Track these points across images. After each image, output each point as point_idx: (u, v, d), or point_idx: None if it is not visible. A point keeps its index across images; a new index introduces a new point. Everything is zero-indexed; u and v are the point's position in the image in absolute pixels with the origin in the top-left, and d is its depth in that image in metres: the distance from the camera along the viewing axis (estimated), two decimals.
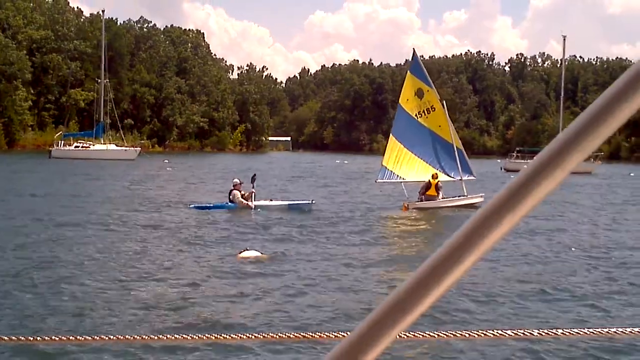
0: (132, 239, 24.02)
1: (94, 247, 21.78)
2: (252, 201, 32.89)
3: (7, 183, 45.38)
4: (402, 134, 37.18)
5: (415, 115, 37.34)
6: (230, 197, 33.28)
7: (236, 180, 34.24)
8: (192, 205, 33.51)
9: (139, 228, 26.86)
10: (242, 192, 33.30)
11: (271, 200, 34.64)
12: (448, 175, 36.91)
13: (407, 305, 0.86)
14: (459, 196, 36.04)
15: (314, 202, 34.50)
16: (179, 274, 18.10)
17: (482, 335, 2.97)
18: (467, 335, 3.35)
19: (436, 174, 35.78)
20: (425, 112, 37.39)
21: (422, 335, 3.33)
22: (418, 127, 37.10)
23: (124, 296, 15.41)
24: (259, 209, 32.42)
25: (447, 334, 3.66)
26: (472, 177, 36.77)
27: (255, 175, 34.36)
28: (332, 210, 34.00)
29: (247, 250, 20.52)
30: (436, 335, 3.75)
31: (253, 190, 33.28)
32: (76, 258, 19.72)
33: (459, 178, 36.29)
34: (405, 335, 3.29)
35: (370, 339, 0.79)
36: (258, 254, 20.14)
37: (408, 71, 39.75)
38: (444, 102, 38.42)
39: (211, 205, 33.50)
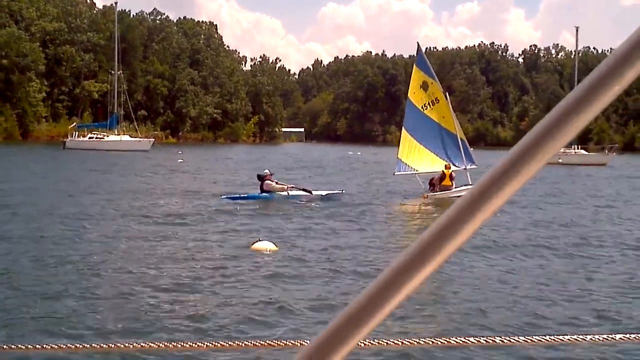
0: (148, 229, 24.10)
1: (107, 237, 21.86)
2: (287, 187, 33.81)
3: (24, 174, 45.44)
4: (411, 127, 38.42)
5: (422, 107, 38.55)
6: (264, 186, 33.49)
7: (267, 170, 34.65)
8: (225, 197, 33.52)
9: (156, 218, 26.90)
10: (275, 181, 33.87)
11: (304, 189, 34.93)
12: (454, 164, 37.88)
13: (372, 309, 0.86)
14: (466, 185, 36.07)
15: (344, 191, 35.82)
16: (188, 266, 18.09)
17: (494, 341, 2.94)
18: (479, 341, 3.36)
19: (449, 164, 36.85)
20: (430, 104, 38.59)
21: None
22: (425, 119, 38.31)
23: (130, 293, 15.46)
24: (296, 199, 32.96)
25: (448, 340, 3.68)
26: (474, 166, 37.77)
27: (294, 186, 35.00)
28: (349, 202, 33.97)
29: (259, 241, 20.47)
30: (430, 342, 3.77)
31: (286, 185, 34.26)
32: (93, 251, 19.78)
33: (464, 167, 37.37)
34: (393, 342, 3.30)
35: (334, 343, 0.80)
36: (271, 245, 20.09)
37: (414, 65, 40.51)
38: (447, 94, 39.60)
39: (244, 195, 33.64)
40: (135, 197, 34.67)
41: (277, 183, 33.72)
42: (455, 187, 36.04)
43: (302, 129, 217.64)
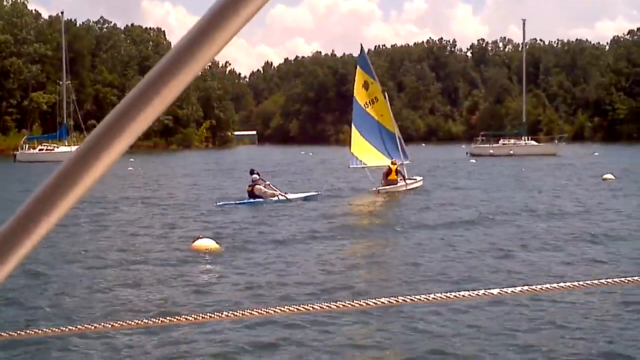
0: (98, 231, 24.12)
1: (65, 244, 21.83)
2: (278, 191, 34.10)
3: None
4: (358, 124, 40.81)
5: (364, 105, 41.04)
6: (255, 192, 33.48)
7: (255, 175, 34.44)
8: (220, 203, 33.21)
9: (103, 225, 26.89)
10: (265, 184, 34.02)
11: (286, 193, 35.07)
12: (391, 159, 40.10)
13: None
14: (408, 179, 39.53)
15: (320, 192, 36.90)
16: (127, 262, 18.39)
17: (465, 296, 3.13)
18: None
19: (395, 160, 38.95)
20: (370, 102, 41.20)
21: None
22: (367, 117, 40.92)
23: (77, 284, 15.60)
24: (287, 203, 32.92)
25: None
26: (408, 162, 41.06)
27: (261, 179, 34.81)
28: (295, 202, 34.32)
29: (200, 238, 20.58)
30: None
31: (268, 182, 34.56)
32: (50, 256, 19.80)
33: (400, 162, 39.55)
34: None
35: None
36: (212, 242, 20.19)
37: (357, 65, 42.83)
38: (386, 93, 42.51)
39: (241, 202, 33.39)
40: (81, 206, 34.55)
41: (266, 187, 33.83)
42: (404, 180, 38.65)
43: (255, 132, 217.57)
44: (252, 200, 33.34)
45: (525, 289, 2.63)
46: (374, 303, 2.70)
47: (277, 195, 33.76)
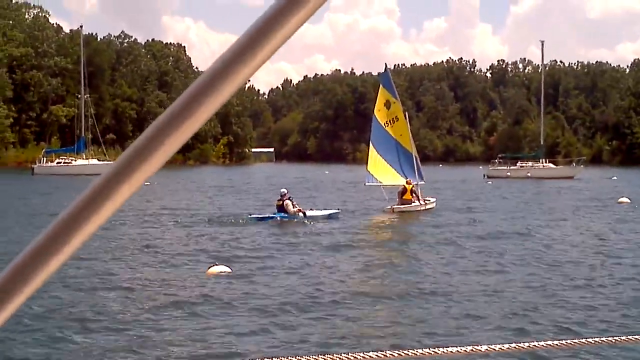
0: (111, 249, 24.08)
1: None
2: (302, 210, 34.95)
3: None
4: (376, 142, 41.64)
5: (384, 124, 41.80)
6: (284, 206, 34.44)
7: (284, 190, 35.75)
8: (252, 216, 34.66)
9: (116, 242, 26.88)
10: (293, 203, 34.87)
11: (311, 209, 36.37)
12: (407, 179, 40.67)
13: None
14: (424, 200, 40.27)
15: (340, 210, 37.72)
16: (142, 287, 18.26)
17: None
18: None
19: (410, 180, 39.62)
20: (391, 122, 41.94)
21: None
22: (386, 136, 41.65)
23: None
24: (311, 221, 33.85)
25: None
26: (422, 182, 41.83)
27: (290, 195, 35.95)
28: (319, 219, 34.56)
29: (215, 265, 20.47)
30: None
31: (296, 202, 35.42)
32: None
33: (416, 183, 40.29)
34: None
35: None
36: (227, 269, 20.08)
37: (380, 84, 43.82)
38: (406, 113, 43.64)
39: (270, 215, 34.55)
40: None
41: (293, 205, 34.68)
42: (419, 201, 39.28)
43: (272, 149, 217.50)
44: (280, 214, 34.33)
45: (513, 346, 2.58)
46: (363, 357, 2.66)
47: (301, 212, 34.56)
